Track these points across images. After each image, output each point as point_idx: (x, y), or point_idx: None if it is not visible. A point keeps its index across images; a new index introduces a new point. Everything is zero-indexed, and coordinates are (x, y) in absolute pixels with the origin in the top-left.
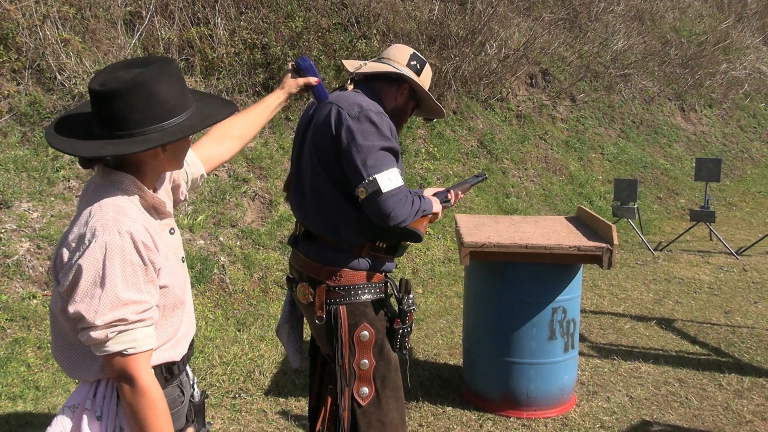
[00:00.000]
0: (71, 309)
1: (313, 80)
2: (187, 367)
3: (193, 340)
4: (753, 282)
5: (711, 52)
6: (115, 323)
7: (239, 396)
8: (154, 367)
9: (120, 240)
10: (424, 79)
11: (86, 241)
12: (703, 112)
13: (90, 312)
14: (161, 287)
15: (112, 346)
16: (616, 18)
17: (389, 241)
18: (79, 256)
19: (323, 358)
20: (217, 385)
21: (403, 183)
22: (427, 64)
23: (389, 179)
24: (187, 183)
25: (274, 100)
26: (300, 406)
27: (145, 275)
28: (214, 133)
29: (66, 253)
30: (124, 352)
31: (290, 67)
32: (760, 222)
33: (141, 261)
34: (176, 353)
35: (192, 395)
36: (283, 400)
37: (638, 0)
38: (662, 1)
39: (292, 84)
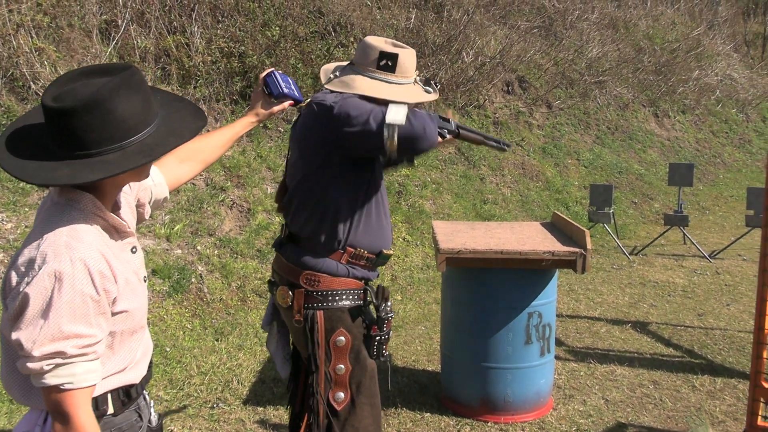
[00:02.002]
0: (13, 336)
1: (287, 104)
2: (144, 392)
3: (151, 361)
4: (725, 285)
5: (683, 59)
6: (52, 355)
7: (217, 406)
8: (112, 391)
9: (71, 268)
10: (402, 71)
11: (36, 267)
12: (676, 118)
13: (29, 342)
14: (121, 312)
15: (49, 379)
16: (590, 26)
17: (368, 247)
18: (27, 283)
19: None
20: (195, 395)
21: (407, 105)
22: (402, 52)
23: (395, 112)
24: (150, 203)
25: (245, 128)
26: (278, 415)
27: (96, 307)
28: (180, 152)
29: (14, 278)
30: (61, 387)
31: (260, 85)
32: (733, 225)
33: (94, 291)
34: (135, 376)
35: (150, 420)
36: (261, 409)
37: (612, 8)
38: (635, 9)
39: (264, 114)
